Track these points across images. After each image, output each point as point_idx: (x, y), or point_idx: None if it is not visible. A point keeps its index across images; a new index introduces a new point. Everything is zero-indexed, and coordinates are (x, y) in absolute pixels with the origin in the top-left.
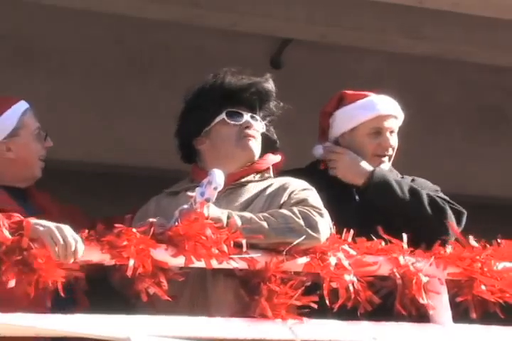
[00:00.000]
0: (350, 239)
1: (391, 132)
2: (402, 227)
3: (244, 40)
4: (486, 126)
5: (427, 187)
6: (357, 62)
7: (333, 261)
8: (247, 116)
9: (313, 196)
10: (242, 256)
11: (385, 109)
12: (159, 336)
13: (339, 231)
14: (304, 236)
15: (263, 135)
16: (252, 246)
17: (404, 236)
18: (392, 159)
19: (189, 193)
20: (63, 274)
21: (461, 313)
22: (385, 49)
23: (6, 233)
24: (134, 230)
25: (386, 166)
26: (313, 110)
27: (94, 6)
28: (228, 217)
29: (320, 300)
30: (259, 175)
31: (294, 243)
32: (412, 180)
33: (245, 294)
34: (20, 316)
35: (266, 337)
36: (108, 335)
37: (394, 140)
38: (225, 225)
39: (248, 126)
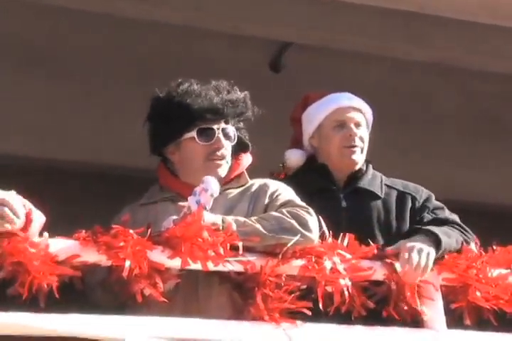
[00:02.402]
0: (345, 244)
1: (356, 124)
2: None
3: (244, 44)
4: (485, 134)
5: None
6: (357, 68)
7: (328, 265)
8: (218, 132)
9: (295, 196)
10: (238, 258)
11: (345, 101)
12: (155, 337)
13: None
14: (298, 235)
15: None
16: (248, 250)
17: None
18: (364, 152)
19: (180, 203)
20: (57, 276)
21: (455, 319)
22: (386, 55)
23: None
24: (131, 231)
25: (359, 157)
26: None
27: (94, 7)
28: (223, 221)
29: (314, 304)
30: (235, 181)
31: (291, 243)
32: (405, 187)
33: (239, 298)
34: (16, 315)
35: (261, 339)
36: (104, 336)
37: (360, 131)
38: (221, 229)
39: (218, 146)
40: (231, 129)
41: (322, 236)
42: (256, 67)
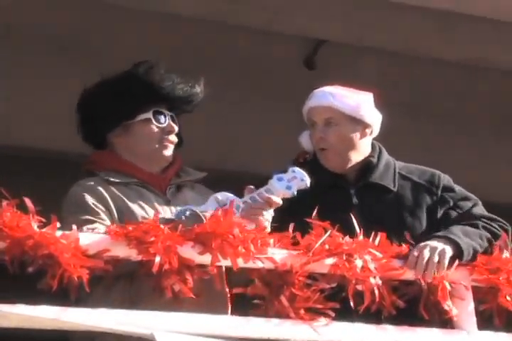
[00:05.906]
0: (376, 243)
1: (327, 123)
2: None
3: (278, 40)
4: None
5: (422, 174)
6: (391, 66)
7: (359, 263)
8: (168, 118)
9: None
10: (269, 255)
11: (316, 100)
12: (182, 333)
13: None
14: None
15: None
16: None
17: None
18: (343, 150)
19: (251, 186)
20: (88, 269)
21: (486, 321)
22: (420, 54)
23: (35, 226)
24: (162, 226)
25: (332, 158)
26: None
27: (128, 2)
28: None
29: (344, 302)
30: (183, 175)
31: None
32: (421, 176)
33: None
34: (44, 309)
35: (288, 337)
36: (131, 331)
37: (328, 131)
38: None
39: (170, 130)
40: (175, 120)
41: (353, 235)
42: (290, 64)
